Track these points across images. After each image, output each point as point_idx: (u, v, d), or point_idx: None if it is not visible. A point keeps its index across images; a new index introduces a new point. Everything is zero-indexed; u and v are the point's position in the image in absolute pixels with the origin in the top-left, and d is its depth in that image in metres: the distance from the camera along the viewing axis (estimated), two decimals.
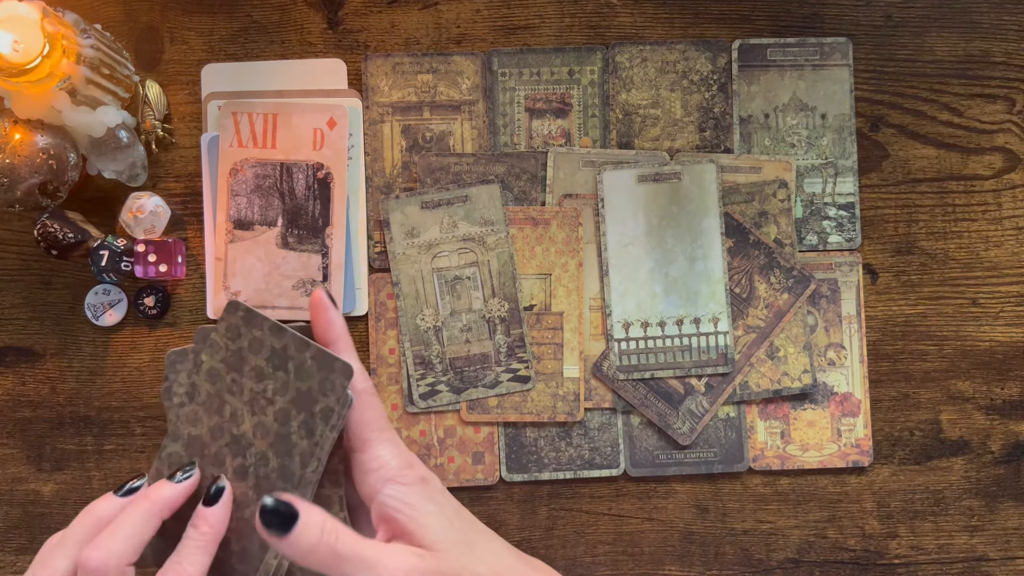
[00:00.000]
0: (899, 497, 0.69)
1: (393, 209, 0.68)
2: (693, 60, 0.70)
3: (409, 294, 0.68)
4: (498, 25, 0.70)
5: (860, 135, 0.70)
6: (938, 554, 0.69)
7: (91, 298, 0.68)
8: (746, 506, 0.69)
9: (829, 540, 0.69)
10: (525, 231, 0.69)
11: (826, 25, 0.70)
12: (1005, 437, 0.70)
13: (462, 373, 0.68)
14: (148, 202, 0.67)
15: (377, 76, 0.69)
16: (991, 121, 0.70)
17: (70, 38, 0.59)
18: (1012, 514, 0.69)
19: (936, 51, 0.71)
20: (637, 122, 0.70)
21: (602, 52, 0.70)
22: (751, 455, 0.69)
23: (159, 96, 0.68)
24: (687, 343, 0.68)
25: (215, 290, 0.68)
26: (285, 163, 0.68)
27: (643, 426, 0.69)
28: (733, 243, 0.69)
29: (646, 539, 0.69)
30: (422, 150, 0.69)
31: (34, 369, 0.68)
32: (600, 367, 0.68)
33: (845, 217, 0.70)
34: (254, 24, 0.70)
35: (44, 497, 0.68)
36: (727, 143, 0.70)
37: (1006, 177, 0.70)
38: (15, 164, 0.61)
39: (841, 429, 0.69)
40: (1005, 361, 0.70)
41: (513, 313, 0.68)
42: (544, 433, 0.69)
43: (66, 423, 0.68)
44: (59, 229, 0.64)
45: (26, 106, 0.61)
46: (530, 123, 0.70)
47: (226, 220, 0.68)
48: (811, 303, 0.69)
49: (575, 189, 0.69)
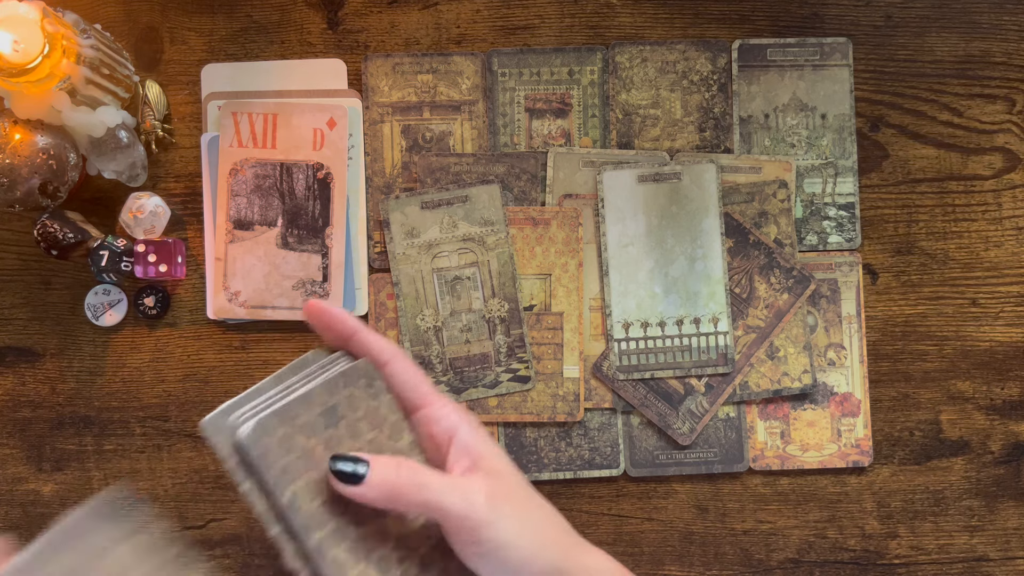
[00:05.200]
0: (899, 497, 0.69)
1: (393, 209, 0.68)
2: (693, 60, 0.70)
3: (409, 294, 0.68)
4: (498, 25, 0.70)
5: (860, 135, 0.70)
6: (938, 554, 0.69)
7: (91, 298, 0.68)
8: (746, 506, 0.69)
9: (829, 540, 0.69)
10: (525, 231, 0.69)
11: (826, 25, 0.70)
12: (1005, 437, 0.70)
13: (462, 373, 0.68)
14: (148, 202, 0.67)
15: (377, 76, 0.69)
16: (991, 121, 0.70)
17: (70, 38, 0.59)
18: (1012, 514, 0.69)
19: (936, 51, 0.71)
20: (637, 122, 0.70)
21: (602, 52, 0.70)
22: (751, 455, 0.69)
23: (159, 96, 0.68)
24: (687, 343, 0.68)
25: (215, 290, 0.68)
26: (285, 163, 0.68)
27: (643, 426, 0.69)
28: (733, 243, 0.69)
29: (646, 539, 0.69)
30: (422, 150, 0.69)
31: (34, 369, 0.68)
32: (600, 367, 0.68)
33: (845, 217, 0.70)
34: (254, 24, 0.70)
35: (44, 497, 0.68)
36: (727, 143, 0.70)
37: (1006, 177, 0.70)
38: (15, 164, 0.61)
39: (841, 429, 0.69)
40: (1005, 361, 0.70)
41: (513, 313, 0.68)
42: (544, 433, 0.69)
43: (66, 423, 0.68)
44: (59, 229, 0.64)
45: (26, 106, 0.61)
46: (530, 123, 0.70)
47: (226, 220, 0.68)
48: (811, 303, 0.69)
49: (575, 189, 0.69)
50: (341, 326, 0.45)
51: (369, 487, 0.41)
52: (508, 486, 0.44)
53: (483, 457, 0.44)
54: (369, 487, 0.41)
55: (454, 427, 0.45)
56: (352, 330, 0.45)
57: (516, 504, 0.44)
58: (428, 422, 0.45)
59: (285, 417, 0.40)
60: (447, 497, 0.42)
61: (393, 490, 0.41)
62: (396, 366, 0.45)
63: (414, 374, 0.46)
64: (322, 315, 0.45)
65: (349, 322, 0.45)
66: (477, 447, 0.44)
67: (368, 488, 0.41)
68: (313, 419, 0.42)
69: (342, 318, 0.45)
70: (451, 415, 0.45)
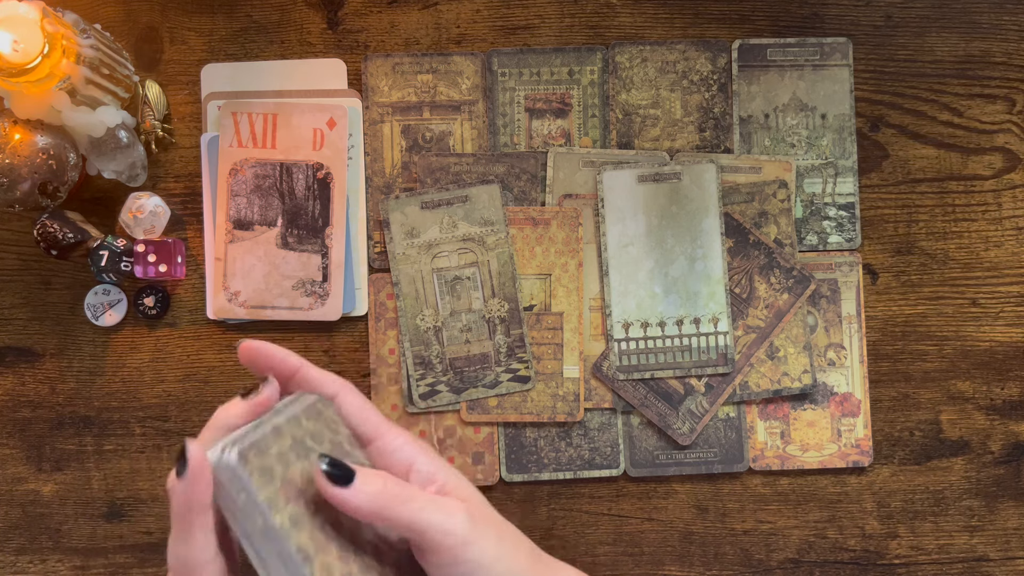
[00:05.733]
0: (899, 497, 0.69)
1: (393, 209, 0.68)
2: (693, 60, 0.70)
3: (409, 294, 0.68)
4: (498, 25, 0.70)
5: (860, 135, 0.70)
6: (938, 554, 0.69)
7: (91, 298, 0.68)
8: (746, 506, 0.69)
9: (829, 540, 0.69)
10: (525, 231, 0.69)
11: (826, 25, 0.70)
12: (1005, 437, 0.70)
13: (462, 373, 0.68)
14: (148, 202, 0.67)
15: (377, 76, 0.69)
16: (991, 121, 0.70)
17: (70, 38, 0.59)
18: (1012, 514, 0.69)
19: (936, 51, 0.71)
20: (637, 122, 0.70)
21: (602, 52, 0.70)
22: (751, 455, 0.69)
23: (159, 96, 0.68)
24: (687, 343, 0.68)
25: (215, 290, 0.68)
26: (285, 163, 0.68)
27: (643, 426, 0.69)
28: (733, 243, 0.69)
29: (646, 539, 0.69)
30: (422, 150, 0.69)
31: (34, 369, 0.68)
32: (600, 367, 0.68)
33: (845, 217, 0.70)
34: (254, 24, 0.69)
35: (44, 497, 0.68)
36: (727, 143, 0.70)
37: (1006, 177, 0.70)
38: (15, 164, 0.61)
39: (841, 429, 0.69)
40: (1005, 361, 0.70)
41: (513, 313, 0.68)
42: (544, 433, 0.69)
43: (66, 423, 0.68)
44: (59, 229, 0.64)
45: (26, 106, 0.61)
46: (530, 123, 0.70)
47: (226, 220, 0.68)
48: (811, 303, 0.69)
49: (575, 189, 0.69)
50: (281, 364, 0.44)
51: (355, 492, 0.40)
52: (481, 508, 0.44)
53: (447, 483, 0.44)
54: (355, 492, 0.40)
55: (411, 458, 0.44)
56: (293, 367, 0.44)
57: (493, 525, 0.43)
58: (383, 454, 0.44)
59: (261, 449, 0.40)
60: (431, 513, 0.41)
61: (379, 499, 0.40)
62: (344, 399, 0.44)
63: (363, 406, 0.45)
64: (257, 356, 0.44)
65: (290, 359, 0.44)
66: (439, 474, 0.44)
67: (354, 493, 0.40)
68: (285, 451, 0.41)
69: (281, 356, 0.44)
70: (405, 446, 0.44)
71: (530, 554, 0.45)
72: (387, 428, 0.45)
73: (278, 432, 0.41)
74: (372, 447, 0.44)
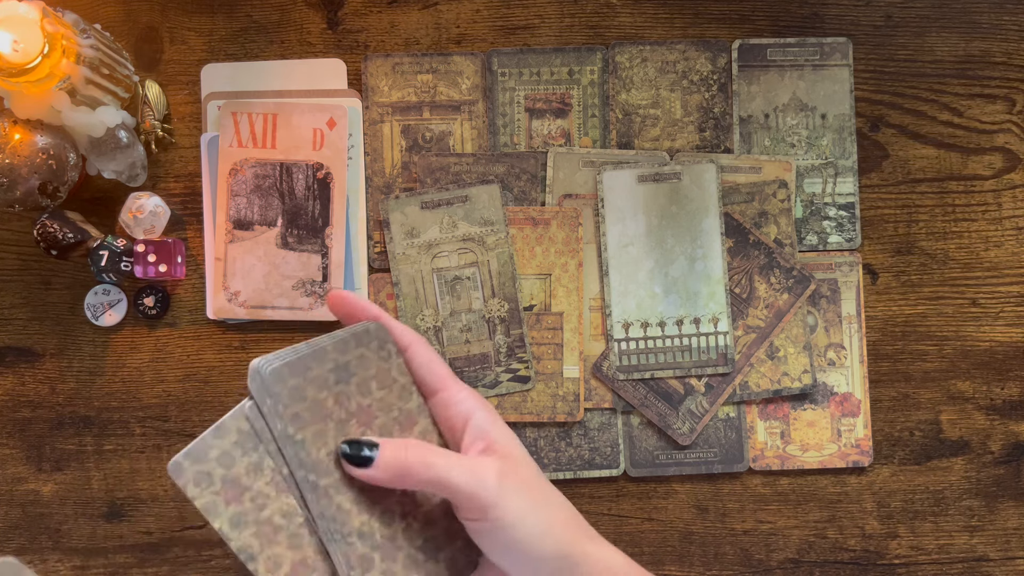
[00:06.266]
0: (899, 497, 0.69)
1: (393, 209, 0.68)
2: (693, 60, 0.70)
3: (409, 294, 0.68)
4: (498, 25, 0.70)
5: (860, 135, 0.70)
6: (938, 554, 0.69)
7: (91, 298, 0.68)
8: (746, 506, 0.69)
9: (829, 540, 0.69)
10: (525, 231, 0.69)
11: (826, 25, 0.70)
12: (1005, 437, 0.70)
13: (462, 373, 0.68)
14: (148, 202, 0.67)
15: (377, 76, 0.69)
16: (991, 121, 0.70)
17: (70, 38, 0.59)
18: (1012, 514, 0.69)
19: (936, 51, 0.71)
20: (637, 122, 0.70)
21: (602, 52, 0.70)
22: (751, 455, 0.69)
23: (159, 96, 0.68)
24: (687, 343, 0.68)
25: (215, 290, 0.68)
26: (285, 163, 0.68)
27: (643, 426, 0.69)
28: (733, 243, 0.69)
29: (646, 539, 0.69)
30: (422, 150, 0.69)
31: (34, 369, 0.68)
32: (600, 367, 0.68)
33: (845, 217, 0.70)
34: (254, 24, 0.69)
35: (44, 497, 0.68)
36: (727, 143, 0.70)
37: (1006, 177, 0.70)
38: (15, 164, 0.61)
39: (841, 429, 0.69)
40: (1005, 361, 0.70)
41: (513, 313, 0.68)
42: (544, 433, 0.69)
43: (66, 423, 0.68)
44: (59, 229, 0.64)
45: (26, 106, 0.61)
46: (530, 123, 0.70)
47: (226, 220, 0.68)
48: (811, 303, 0.69)
49: (575, 189, 0.69)
50: (363, 314, 0.47)
51: (378, 469, 0.42)
52: (520, 469, 0.45)
53: (497, 441, 0.45)
54: (378, 469, 0.42)
55: (470, 411, 0.46)
56: (374, 317, 0.47)
57: (526, 487, 0.44)
58: (445, 405, 0.47)
59: (297, 369, 0.42)
60: (456, 475, 0.43)
61: (402, 468, 0.43)
62: (416, 350, 0.47)
63: (432, 359, 0.47)
64: (344, 304, 0.47)
65: (371, 310, 0.47)
66: (491, 431, 0.45)
67: (377, 470, 0.42)
68: (324, 374, 0.43)
69: (364, 306, 0.47)
70: (467, 399, 0.46)
71: (567, 522, 0.46)
72: (452, 381, 0.47)
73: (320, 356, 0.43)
74: (437, 397, 0.47)
